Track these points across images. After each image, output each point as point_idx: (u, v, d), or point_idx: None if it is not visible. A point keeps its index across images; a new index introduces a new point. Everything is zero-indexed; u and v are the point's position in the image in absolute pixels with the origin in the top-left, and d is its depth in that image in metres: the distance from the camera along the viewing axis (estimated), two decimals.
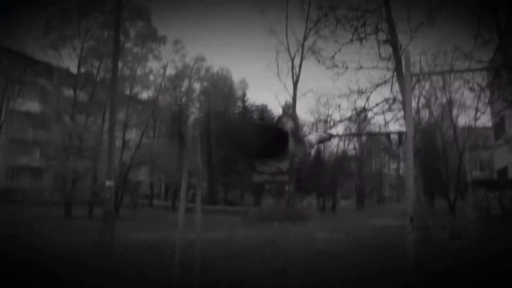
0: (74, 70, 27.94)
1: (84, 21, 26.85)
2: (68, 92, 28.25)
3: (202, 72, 42.70)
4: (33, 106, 34.17)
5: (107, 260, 9.44)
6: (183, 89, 42.43)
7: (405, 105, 5.62)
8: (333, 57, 15.44)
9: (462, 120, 61.28)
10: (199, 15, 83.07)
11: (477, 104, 27.16)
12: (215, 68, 48.45)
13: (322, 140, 4.69)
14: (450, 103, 35.03)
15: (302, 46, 32.48)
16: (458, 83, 30.26)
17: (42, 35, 26.64)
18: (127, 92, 29.77)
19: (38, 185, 35.40)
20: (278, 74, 38.86)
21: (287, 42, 34.03)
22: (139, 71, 30.28)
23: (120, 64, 19.14)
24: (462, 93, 33.62)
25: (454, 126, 36.09)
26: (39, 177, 36.15)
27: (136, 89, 31.82)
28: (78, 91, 27.56)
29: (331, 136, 4.79)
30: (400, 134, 4.12)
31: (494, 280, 7.47)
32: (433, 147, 37.97)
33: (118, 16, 15.77)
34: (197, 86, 44.73)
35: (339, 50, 15.47)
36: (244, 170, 47.60)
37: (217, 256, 9.85)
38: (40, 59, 29.26)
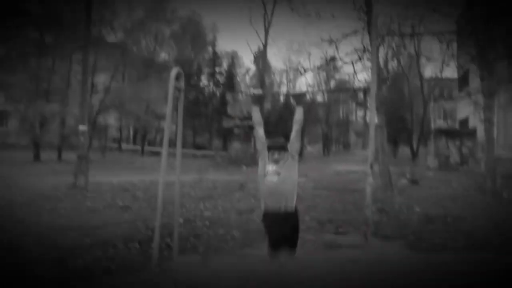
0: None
1: None
2: (34, 34, 27.36)
3: (168, 14, 41.43)
4: None
5: (83, 202, 9.78)
6: (152, 32, 41.40)
7: (372, 61, 5.93)
8: (304, 4, 15.53)
9: (429, 71, 62.19)
10: None
11: (444, 56, 27.75)
12: (186, 12, 47.39)
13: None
14: (418, 53, 35.58)
15: None
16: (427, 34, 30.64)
17: None
18: (95, 33, 28.84)
19: (4, 129, 34.84)
20: (250, 20, 38.55)
21: None
22: (106, 12, 29.38)
23: None
24: (431, 45, 34.14)
25: (420, 76, 36.83)
26: (5, 120, 35.49)
27: (104, 31, 30.98)
28: (44, 32, 26.71)
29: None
30: (364, 90, 4.32)
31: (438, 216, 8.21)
32: (400, 96, 38.83)
33: None
34: (166, 29, 43.63)
35: None
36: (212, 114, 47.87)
37: (189, 198, 10.32)
38: None
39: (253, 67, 49.63)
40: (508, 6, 14.25)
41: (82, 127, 13.08)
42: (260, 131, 4.31)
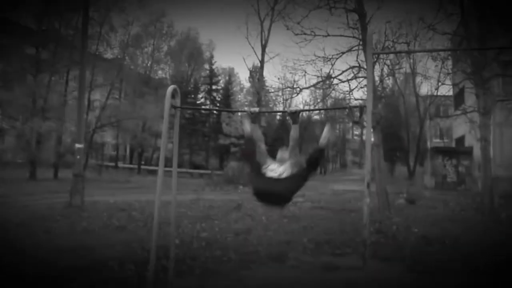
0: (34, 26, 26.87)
1: None
2: (30, 50, 27.36)
3: (164, 29, 41.43)
4: None
5: (79, 222, 9.66)
6: (149, 48, 41.49)
7: (367, 79, 5.91)
8: (299, 23, 15.55)
9: (425, 89, 62.56)
10: None
11: (439, 74, 27.93)
12: (183, 28, 47.47)
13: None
14: (413, 71, 35.80)
15: (272, 9, 32.47)
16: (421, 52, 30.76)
17: None
18: (92, 50, 28.84)
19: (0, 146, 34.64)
20: (247, 37, 38.86)
21: (258, 5, 33.94)
22: (103, 28, 29.49)
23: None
24: (426, 62, 34.30)
25: (416, 94, 36.98)
26: (1, 138, 35.29)
27: (100, 47, 31.03)
28: (40, 49, 26.69)
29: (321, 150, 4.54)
30: (361, 107, 4.26)
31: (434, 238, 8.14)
32: (396, 115, 38.91)
33: None
34: (163, 45, 43.71)
35: (307, 15, 15.59)
36: (209, 133, 47.86)
37: (186, 219, 10.22)
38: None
39: (248, 85, 49.84)
40: (502, 24, 14.39)
41: (79, 145, 13.01)
42: (262, 147, 4.28)
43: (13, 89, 27.75)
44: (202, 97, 51.19)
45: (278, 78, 43.06)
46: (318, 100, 34.92)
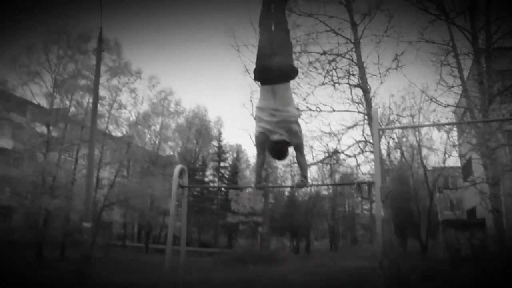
0: (46, 104, 27.51)
1: (52, 56, 26.53)
2: (41, 128, 27.81)
3: (172, 106, 42.02)
4: (5, 142, 33.50)
5: None
6: (157, 126, 41.98)
7: (374, 154, 5.90)
8: (305, 99, 15.85)
9: (432, 161, 62.54)
10: (174, 53, 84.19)
11: (445, 146, 28.07)
12: (192, 106, 48.31)
13: None
14: (419, 144, 35.97)
15: None
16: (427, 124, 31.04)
17: (9, 72, 26.37)
18: (101, 128, 29.24)
19: (7, 225, 34.42)
20: (252, 114, 39.40)
21: None
22: (113, 107, 30.12)
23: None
24: (431, 135, 34.53)
25: (424, 166, 36.92)
26: (8, 216, 35.14)
27: (109, 126, 31.47)
28: (51, 128, 27.12)
29: None
30: (369, 183, 4.21)
31: None
32: (405, 188, 38.64)
33: (99, 49, 15.72)
34: (171, 122, 44.21)
35: (312, 92, 15.92)
36: (218, 210, 47.49)
37: None
38: (13, 93, 28.52)
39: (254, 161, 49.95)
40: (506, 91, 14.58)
41: (86, 224, 12.92)
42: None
43: (23, 167, 28.01)
44: (210, 174, 51.35)
45: None
46: (326, 176, 34.93)
